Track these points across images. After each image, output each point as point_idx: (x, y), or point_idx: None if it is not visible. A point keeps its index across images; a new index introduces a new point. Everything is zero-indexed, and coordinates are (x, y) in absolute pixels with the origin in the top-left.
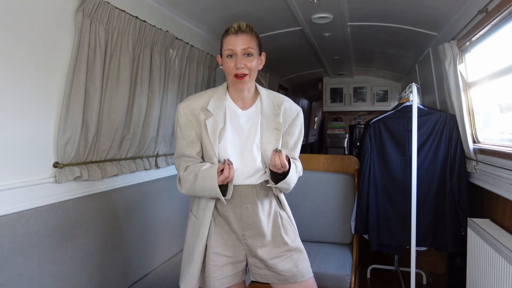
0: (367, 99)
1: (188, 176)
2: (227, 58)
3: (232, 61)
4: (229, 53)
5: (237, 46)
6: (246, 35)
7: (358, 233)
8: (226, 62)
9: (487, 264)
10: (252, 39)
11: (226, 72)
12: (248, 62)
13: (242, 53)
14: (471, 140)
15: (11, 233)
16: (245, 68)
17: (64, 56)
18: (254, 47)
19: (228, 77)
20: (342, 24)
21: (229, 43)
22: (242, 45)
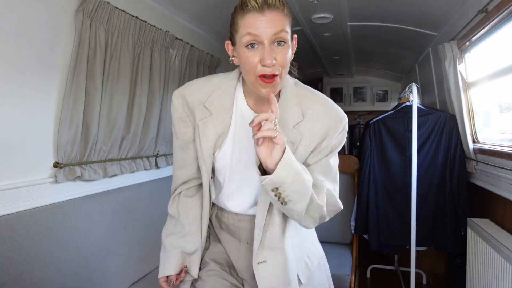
0: (367, 99)
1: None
2: (247, 50)
3: (256, 54)
4: (250, 41)
5: (263, 30)
6: (277, 14)
7: (358, 233)
8: (245, 55)
9: (487, 264)
10: (284, 18)
11: (245, 70)
12: (280, 55)
13: (271, 40)
14: (471, 140)
15: (11, 233)
16: (276, 65)
17: (64, 56)
18: (287, 28)
19: (248, 77)
20: (342, 24)
21: (250, 25)
22: (271, 26)
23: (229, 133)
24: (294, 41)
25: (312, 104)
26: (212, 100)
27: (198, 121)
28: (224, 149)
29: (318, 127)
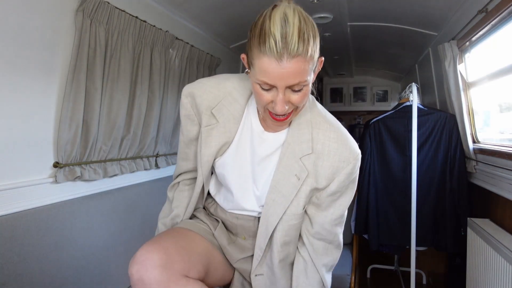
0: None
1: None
2: (259, 87)
3: (269, 94)
4: (263, 85)
5: (278, 81)
6: (297, 62)
7: (358, 232)
8: (256, 89)
9: (487, 264)
10: (306, 64)
11: (255, 99)
12: (296, 98)
13: (286, 88)
14: (471, 140)
15: (11, 233)
16: (290, 106)
17: (64, 56)
18: (309, 73)
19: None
20: (342, 24)
21: (265, 71)
22: (288, 78)
23: (233, 143)
24: (319, 64)
25: (325, 138)
26: (221, 107)
27: (203, 128)
28: (225, 157)
29: (327, 166)
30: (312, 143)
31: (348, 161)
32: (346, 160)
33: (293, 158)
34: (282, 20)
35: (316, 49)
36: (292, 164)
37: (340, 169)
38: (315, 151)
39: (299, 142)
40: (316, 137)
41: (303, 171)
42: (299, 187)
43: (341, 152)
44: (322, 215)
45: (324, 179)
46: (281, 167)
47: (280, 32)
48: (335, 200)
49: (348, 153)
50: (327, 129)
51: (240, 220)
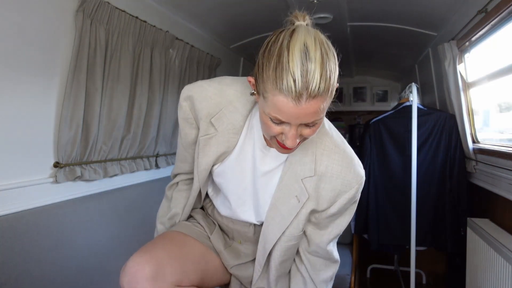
0: (367, 99)
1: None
2: (269, 121)
3: (278, 127)
4: (274, 120)
5: (294, 120)
6: (317, 102)
7: (358, 232)
8: (266, 121)
9: (487, 264)
10: (326, 100)
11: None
12: (308, 132)
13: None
14: (471, 140)
15: (11, 233)
16: (300, 138)
17: (64, 56)
18: (325, 110)
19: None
20: (342, 24)
21: (280, 109)
22: (304, 118)
23: (233, 153)
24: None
25: (329, 160)
26: (221, 116)
27: (200, 137)
28: (224, 166)
29: (329, 189)
30: (315, 165)
31: (350, 186)
32: (348, 184)
33: (294, 178)
34: (302, 54)
35: (336, 82)
36: (293, 184)
37: (342, 193)
38: (318, 173)
39: (301, 163)
40: (319, 158)
41: (304, 194)
42: (298, 209)
43: (344, 176)
44: (319, 234)
45: (325, 202)
46: (281, 186)
47: (301, 70)
48: (333, 220)
49: (351, 177)
50: (331, 150)
51: (236, 225)
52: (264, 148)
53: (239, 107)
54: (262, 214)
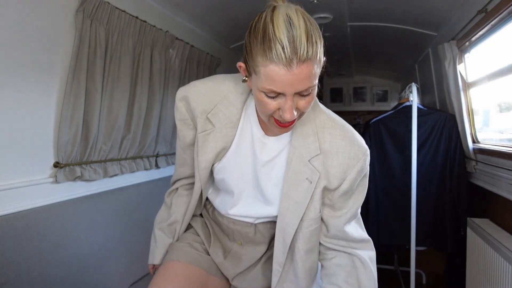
0: (367, 99)
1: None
2: (265, 95)
3: (274, 102)
4: (269, 93)
5: (288, 88)
6: (307, 67)
7: None
8: (261, 98)
9: (487, 264)
10: (315, 68)
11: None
12: (303, 103)
13: (295, 93)
14: (471, 140)
15: (11, 233)
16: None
17: (64, 56)
18: (316, 77)
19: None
20: (342, 24)
21: (273, 80)
22: (297, 85)
23: (232, 147)
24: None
25: (331, 137)
26: (217, 111)
27: (198, 134)
28: (224, 162)
29: (337, 165)
30: (319, 143)
31: (357, 158)
32: (355, 157)
33: (302, 162)
34: (286, 23)
35: (322, 50)
36: (301, 168)
37: (350, 167)
38: (323, 151)
39: (305, 145)
40: (322, 136)
41: (315, 174)
42: (312, 190)
43: (349, 150)
44: (336, 216)
45: (335, 179)
46: (290, 173)
47: (287, 36)
48: (347, 199)
49: (356, 149)
50: (332, 127)
51: (236, 226)
52: (262, 137)
53: (234, 101)
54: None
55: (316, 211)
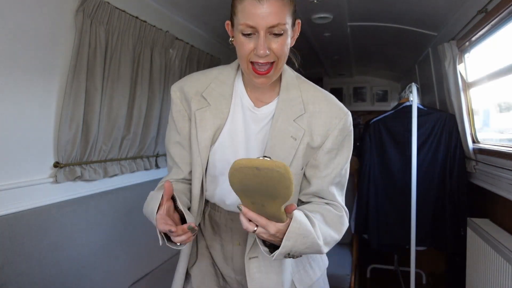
0: (367, 99)
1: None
2: (242, 36)
3: (251, 41)
4: (245, 30)
5: (260, 21)
6: (276, 2)
7: (358, 232)
8: (240, 40)
9: (487, 264)
10: (284, 7)
11: (239, 55)
12: (277, 44)
13: (267, 31)
14: (471, 140)
15: (11, 233)
16: (271, 54)
17: (64, 56)
18: (286, 20)
19: (241, 62)
20: (342, 24)
21: (247, 13)
22: (268, 18)
23: (226, 125)
24: (297, 26)
25: (314, 99)
26: (211, 90)
27: (195, 111)
28: (220, 142)
29: (320, 124)
30: (303, 105)
31: (339, 117)
32: (337, 116)
33: (287, 121)
34: None
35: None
36: (286, 127)
37: (333, 125)
38: (307, 111)
39: (291, 106)
40: (305, 98)
41: (300, 131)
42: (296, 147)
43: (331, 109)
44: (321, 176)
45: (318, 136)
46: (275, 132)
47: None
48: (332, 158)
49: (337, 109)
50: (314, 91)
51: (235, 223)
52: (253, 108)
53: (224, 79)
54: None
55: (298, 167)
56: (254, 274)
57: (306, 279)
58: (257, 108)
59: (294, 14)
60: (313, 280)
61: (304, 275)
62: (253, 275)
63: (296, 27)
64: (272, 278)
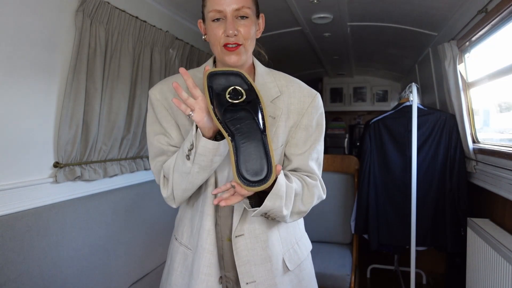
0: (367, 99)
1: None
2: (213, 23)
3: (220, 26)
4: (215, 16)
5: (226, 6)
6: None
7: (358, 232)
8: (211, 28)
9: (487, 264)
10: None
11: (211, 42)
12: (243, 27)
13: (233, 15)
14: (471, 140)
15: (11, 233)
16: (239, 35)
17: (64, 56)
18: (250, 5)
19: (214, 48)
20: (342, 24)
21: (215, 2)
22: (233, 3)
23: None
24: (261, 20)
25: (287, 82)
26: None
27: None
28: None
29: (295, 102)
30: (278, 88)
31: (311, 96)
32: (309, 95)
33: (265, 102)
34: None
35: None
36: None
37: (306, 103)
38: (283, 93)
39: (266, 88)
40: (279, 83)
41: (277, 110)
42: (276, 125)
43: (303, 91)
44: (299, 152)
45: (295, 114)
46: None
47: None
48: (309, 135)
49: (308, 90)
50: (285, 76)
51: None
52: None
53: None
54: None
55: (278, 143)
56: (241, 252)
57: (295, 258)
58: None
59: (257, 6)
60: (301, 259)
61: (293, 254)
62: (240, 253)
63: (260, 20)
64: (259, 254)
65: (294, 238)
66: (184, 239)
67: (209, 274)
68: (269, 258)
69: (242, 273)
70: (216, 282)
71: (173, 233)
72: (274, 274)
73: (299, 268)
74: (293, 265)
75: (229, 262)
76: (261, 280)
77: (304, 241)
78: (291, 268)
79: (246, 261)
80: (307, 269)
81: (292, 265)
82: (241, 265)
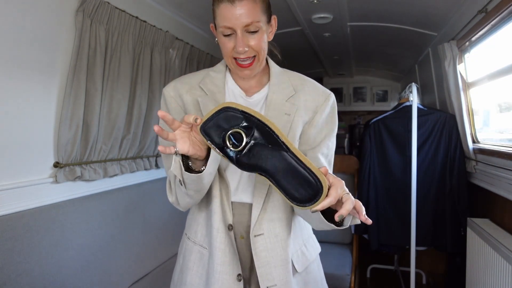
0: (367, 99)
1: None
2: (223, 37)
3: (231, 40)
4: (224, 32)
5: (235, 21)
6: (247, 4)
7: (358, 232)
8: (222, 41)
9: (487, 264)
10: (255, 6)
11: (223, 53)
12: (254, 41)
13: (244, 30)
14: (471, 140)
15: (11, 233)
16: (250, 50)
17: (64, 56)
18: (260, 17)
19: (226, 59)
20: (342, 24)
21: (224, 16)
22: (242, 18)
23: None
24: (273, 21)
25: (301, 81)
26: (205, 82)
27: (198, 98)
28: None
29: (310, 100)
30: (292, 87)
31: (325, 94)
32: (323, 93)
33: (281, 102)
34: None
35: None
36: (280, 107)
37: (321, 101)
38: (297, 91)
39: (281, 89)
40: (294, 82)
41: (293, 107)
42: (291, 121)
43: (317, 89)
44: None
45: (310, 111)
46: (270, 113)
47: None
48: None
49: (323, 89)
50: (300, 76)
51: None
52: (245, 97)
53: (215, 74)
54: None
55: (295, 139)
56: (261, 253)
57: (303, 259)
58: (249, 97)
59: (269, 10)
60: (309, 261)
61: (301, 255)
62: (259, 253)
63: (272, 22)
64: (279, 254)
65: (302, 239)
66: (198, 238)
67: (224, 272)
68: (288, 259)
69: (262, 276)
70: (233, 280)
71: (185, 232)
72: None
73: (306, 270)
74: (301, 267)
75: (244, 262)
76: (281, 284)
77: (312, 243)
78: (299, 270)
79: (266, 263)
80: (314, 271)
81: (300, 266)
82: (261, 266)
